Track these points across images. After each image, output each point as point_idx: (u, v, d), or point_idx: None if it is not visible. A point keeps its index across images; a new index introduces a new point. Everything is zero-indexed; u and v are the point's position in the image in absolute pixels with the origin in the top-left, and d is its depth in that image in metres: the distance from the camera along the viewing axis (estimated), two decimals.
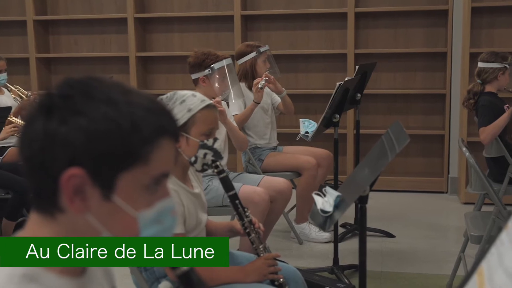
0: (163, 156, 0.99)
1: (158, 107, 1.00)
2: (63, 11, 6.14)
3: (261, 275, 2.14)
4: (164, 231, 1.03)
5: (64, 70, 6.24)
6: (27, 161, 0.97)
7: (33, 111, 0.97)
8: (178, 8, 5.95)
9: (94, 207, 0.97)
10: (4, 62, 4.52)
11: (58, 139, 0.94)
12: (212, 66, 3.44)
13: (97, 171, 0.95)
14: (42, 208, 0.99)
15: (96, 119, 0.94)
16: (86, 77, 1.00)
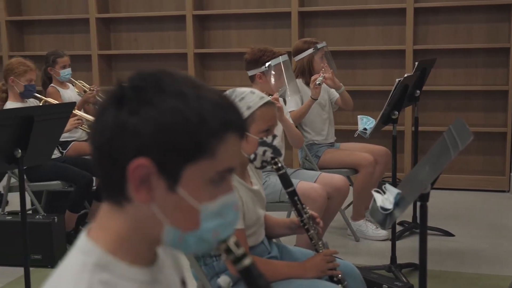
0: (229, 151, 1.00)
1: (227, 102, 1.01)
2: (124, 9, 6.28)
3: (319, 271, 2.15)
4: (225, 225, 1.04)
5: (124, 66, 6.38)
6: (97, 151, 0.99)
7: (105, 102, 1.00)
8: (236, 5, 6.00)
9: (158, 198, 0.98)
10: (68, 58, 4.66)
11: (128, 130, 0.96)
12: (268, 63, 3.46)
13: (164, 162, 0.96)
14: (112, 197, 1.02)
15: (165, 111, 0.96)
16: (158, 71, 1.02)
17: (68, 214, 4.14)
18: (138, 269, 1.03)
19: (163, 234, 1.01)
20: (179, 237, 1.01)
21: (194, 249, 1.04)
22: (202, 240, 1.02)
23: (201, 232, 1.01)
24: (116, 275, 1.00)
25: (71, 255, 1.03)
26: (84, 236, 1.04)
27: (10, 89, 4.05)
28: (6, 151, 2.78)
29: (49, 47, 6.08)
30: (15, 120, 2.76)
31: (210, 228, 1.01)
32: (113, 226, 1.02)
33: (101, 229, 1.03)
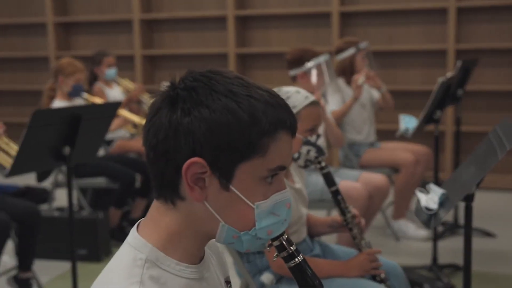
0: (281, 149, 1.02)
1: (278, 101, 1.03)
2: (166, 10, 6.37)
3: (363, 270, 2.14)
4: (279, 223, 1.05)
5: (166, 66, 6.47)
6: (151, 150, 1.02)
7: (158, 102, 1.02)
8: (276, 5, 6.02)
9: (212, 196, 1.00)
10: (113, 57, 4.76)
11: (182, 129, 0.98)
12: (310, 63, 3.48)
13: (217, 161, 0.98)
14: (164, 196, 1.04)
15: (217, 111, 0.98)
16: (209, 71, 1.04)
17: (112, 210, 4.24)
18: (187, 266, 1.05)
19: (216, 231, 1.03)
20: (233, 235, 1.03)
21: (248, 246, 1.05)
22: (256, 238, 1.04)
23: (255, 230, 1.03)
24: (166, 271, 1.02)
25: (122, 250, 1.06)
26: (135, 232, 1.06)
27: (58, 88, 4.15)
28: (54, 149, 2.85)
29: (94, 47, 6.21)
30: (64, 119, 2.83)
31: (264, 226, 1.03)
32: (164, 223, 1.04)
33: (152, 225, 1.05)
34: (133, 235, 1.06)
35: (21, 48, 6.92)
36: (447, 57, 5.41)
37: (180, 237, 1.04)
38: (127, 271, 1.00)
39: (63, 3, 6.64)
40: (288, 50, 3.61)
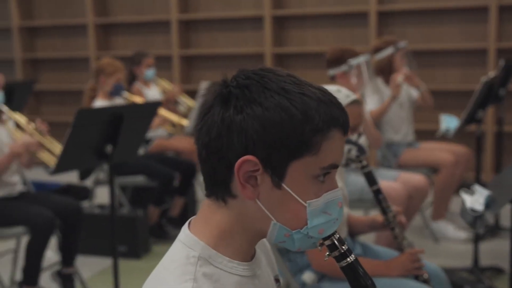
0: (333, 147, 1.01)
1: (330, 99, 1.02)
2: (203, 10, 6.41)
3: (405, 270, 2.13)
4: (330, 222, 1.04)
5: (203, 66, 6.52)
6: (204, 148, 1.02)
7: (210, 101, 1.03)
8: (313, 5, 6.01)
9: (264, 194, 1.01)
10: (152, 58, 4.82)
11: (234, 127, 0.98)
12: (350, 62, 3.48)
13: (269, 158, 0.98)
14: (216, 193, 1.04)
15: (270, 108, 0.98)
16: (261, 69, 1.04)
17: (151, 208, 4.29)
18: (239, 263, 1.05)
19: (268, 230, 1.03)
20: (285, 233, 1.03)
21: (299, 245, 1.05)
22: (308, 236, 1.04)
23: (307, 229, 1.03)
24: (218, 269, 1.03)
25: (174, 248, 1.07)
26: (186, 230, 1.07)
27: (99, 88, 4.22)
28: (97, 147, 2.91)
29: (132, 47, 6.29)
30: (106, 118, 2.88)
31: (316, 225, 1.03)
32: (216, 221, 1.05)
33: (204, 223, 1.06)
34: (185, 232, 1.07)
35: (62, 49, 7.05)
36: (488, 56, 5.33)
37: (232, 235, 1.04)
38: (180, 268, 1.01)
39: (103, 4, 6.75)
40: (326, 49, 3.61)
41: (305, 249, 1.07)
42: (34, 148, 3.18)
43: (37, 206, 3.17)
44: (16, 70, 6.95)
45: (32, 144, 3.16)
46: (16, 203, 3.23)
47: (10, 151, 3.13)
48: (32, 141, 3.16)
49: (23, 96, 5.47)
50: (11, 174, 3.30)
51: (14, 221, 3.14)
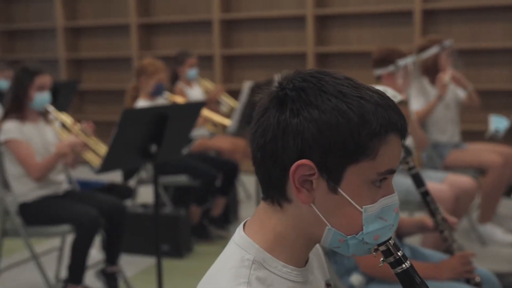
0: (391, 152, 0.99)
1: (388, 103, 1.00)
2: (245, 10, 6.41)
3: (456, 273, 2.08)
4: (386, 228, 1.02)
5: (244, 66, 6.52)
6: (258, 151, 1.01)
7: (266, 103, 1.02)
8: (356, 4, 5.96)
9: (319, 199, 0.99)
10: (195, 58, 4.84)
11: (290, 130, 0.97)
12: (397, 63, 3.42)
13: (325, 163, 0.97)
14: (271, 197, 1.03)
15: (327, 112, 0.96)
16: (317, 71, 1.03)
17: (193, 208, 4.30)
18: (293, 269, 1.04)
19: (322, 235, 1.02)
20: (339, 238, 1.02)
21: (354, 251, 1.03)
22: (363, 242, 1.02)
23: (362, 235, 1.01)
24: (272, 273, 1.02)
25: (229, 250, 1.06)
26: (241, 232, 1.06)
27: (141, 88, 4.24)
28: (142, 147, 2.92)
29: (174, 47, 6.34)
30: (151, 117, 2.89)
31: (371, 230, 1.01)
32: (271, 224, 1.04)
33: (259, 226, 1.05)
34: (240, 234, 1.06)
35: (105, 48, 7.14)
36: None
37: (287, 240, 1.03)
38: (234, 271, 1.00)
39: (145, 4, 6.81)
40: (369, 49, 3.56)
41: (359, 255, 1.05)
42: (80, 148, 3.21)
43: (82, 205, 3.21)
44: (60, 70, 7.06)
45: (78, 145, 3.20)
46: (62, 201, 3.28)
47: (56, 151, 3.18)
48: (78, 141, 3.20)
49: (68, 96, 5.56)
50: (57, 173, 3.34)
51: (60, 219, 3.18)
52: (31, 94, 3.24)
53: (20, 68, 3.31)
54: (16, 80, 3.27)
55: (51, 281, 3.36)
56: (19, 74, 3.27)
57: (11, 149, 3.21)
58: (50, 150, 3.28)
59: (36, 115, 3.33)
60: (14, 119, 3.24)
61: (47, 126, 3.38)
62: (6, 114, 3.27)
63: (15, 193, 3.29)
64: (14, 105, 3.25)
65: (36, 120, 3.33)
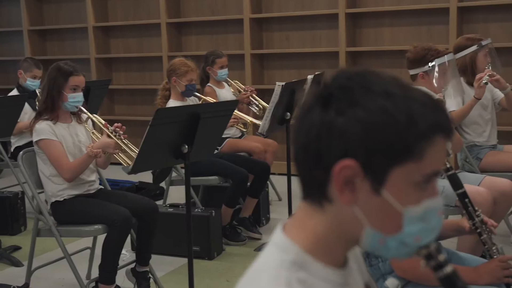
0: (437, 154, 0.97)
1: (435, 104, 0.98)
2: (276, 9, 6.38)
3: (495, 278, 2.03)
4: (428, 231, 1.01)
5: (275, 65, 6.48)
6: (301, 149, 1.00)
7: (310, 101, 1.00)
8: (390, 2, 5.88)
9: (362, 200, 0.97)
10: (226, 58, 4.81)
11: (335, 130, 0.95)
12: (433, 62, 3.34)
13: (370, 164, 0.95)
14: (311, 197, 1.02)
15: (373, 111, 0.94)
16: (363, 70, 1.01)
17: (224, 209, 4.27)
18: (332, 269, 1.02)
19: (362, 236, 1.00)
20: (379, 240, 1.00)
21: (394, 253, 1.02)
22: (404, 244, 1.00)
23: (403, 236, 0.99)
24: (312, 275, 1.00)
25: (268, 251, 1.04)
26: (280, 233, 1.05)
27: (172, 88, 4.23)
28: (174, 147, 2.90)
29: (205, 47, 6.33)
30: (183, 117, 2.87)
31: (412, 232, 0.99)
32: (311, 225, 1.02)
33: (298, 227, 1.04)
34: (279, 235, 1.05)
35: (135, 48, 7.17)
36: None
37: (327, 240, 1.02)
38: (274, 272, 0.99)
39: (176, 4, 6.82)
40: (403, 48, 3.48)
41: (400, 257, 1.03)
42: (111, 149, 3.21)
43: (114, 205, 3.20)
44: (91, 69, 7.11)
45: (110, 146, 3.19)
46: (94, 201, 3.28)
47: (88, 153, 3.18)
48: (110, 142, 3.20)
49: (99, 95, 5.59)
50: (89, 174, 3.35)
51: (93, 219, 3.18)
52: (64, 94, 3.25)
53: (54, 67, 3.31)
54: (50, 80, 3.27)
55: (82, 281, 3.36)
56: (53, 74, 3.28)
57: (44, 149, 3.22)
58: (82, 150, 3.29)
59: (68, 115, 3.34)
60: (47, 119, 3.25)
61: (79, 126, 3.39)
62: (39, 114, 3.29)
63: (47, 193, 3.30)
64: (47, 105, 3.26)
65: (69, 120, 3.34)
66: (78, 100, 3.30)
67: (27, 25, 7.44)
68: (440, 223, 1.02)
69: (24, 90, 5.01)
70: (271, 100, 4.05)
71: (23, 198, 4.75)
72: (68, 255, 3.29)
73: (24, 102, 4.55)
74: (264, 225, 4.69)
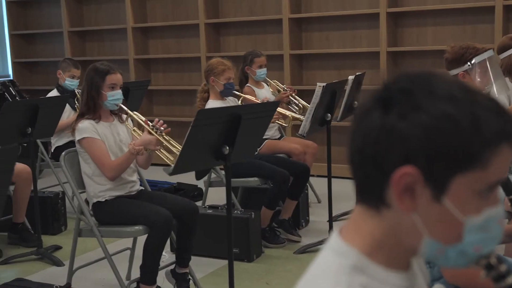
0: (502, 162, 0.92)
1: (501, 109, 0.93)
2: (316, 9, 6.32)
3: None
4: (488, 240, 0.97)
5: (315, 66, 6.42)
6: (358, 153, 0.97)
7: (369, 104, 0.97)
8: (433, 1, 5.76)
9: (421, 208, 0.93)
10: (264, 58, 4.78)
11: (395, 134, 0.92)
12: (472, 60, 3.24)
13: (431, 170, 0.91)
14: (368, 201, 0.99)
15: (436, 116, 0.90)
16: (426, 72, 0.97)
17: (264, 211, 4.22)
18: (394, 272, 0.99)
19: (420, 245, 0.97)
20: (438, 249, 0.96)
21: (453, 263, 0.98)
22: (463, 254, 0.96)
23: (463, 246, 0.95)
24: (374, 279, 0.97)
25: (324, 256, 1.02)
26: (336, 237, 1.02)
27: (211, 88, 4.21)
28: (215, 148, 2.87)
29: (243, 47, 6.30)
30: (224, 118, 2.85)
31: (473, 242, 0.95)
32: (368, 229, 0.99)
33: (355, 231, 1.01)
34: (336, 240, 1.02)
35: (174, 49, 7.19)
36: None
37: (386, 245, 0.98)
38: (334, 278, 0.96)
39: (215, 5, 6.81)
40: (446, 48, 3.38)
41: (459, 267, 0.99)
42: (153, 146, 3.20)
43: (155, 206, 3.19)
44: (129, 70, 7.15)
45: (151, 142, 3.18)
46: (135, 202, 3.28)
47: (130, 150, 3.18)
48: (151, 138, 3.19)
49: (139, 96, 5.61)
50: (131, 173, 3.34)
51: (134, 220, 3.18)
52: (103, 93, 3.26)
53: (91, 69, 3.34)
54: (88, 81, 3.30)
55: (122, 281, 3.35)
56: (90, 75, 3.30)
57: (86, 148, 3.23)
58: (124, 149, 3.29)
59: (109, 114, 3.36)
60: (89, 118, 3.26)
61: (120, 125, 3.39)
62: (82, 115, 3.30)
63: (89, 193, 3.31)
64: (89, 106, 3.28)
65: (110, 119, 3.35)
66: (117, 98, 3.31)
67: (67, 27, 7.53)
68: (501, 232, 0.98)
69: (64, 90, 5.06)
70: (311, 101, 4.00)
71: (63, 198, 4.79)
72: (109, 256, 3.29)
73: (65, 102, 4.60)
74: (304, 228, 4.63)
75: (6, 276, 3.84)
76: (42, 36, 7.99)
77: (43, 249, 4.14)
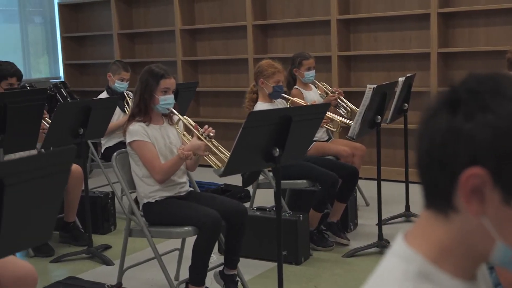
0: None
1: None
2: (364, 9, 6.25)
3: None
4: None
5: (363, 67, 6.36)
6: (424, 155, 0.95)
7: (435, 105, 0.95)
8: (485, 1, 5.63)
9: (491, 211, 0.91)
10: (313, 60, 4.75)
11: (463, 136, 0.90)
12: None
13: (501, 172, 0.89)
14: (435, 205, 0.96)
15: (504, 117, 0.88)
16: (494, 73, 0.95)
17: (312, 213, 4.20)
18: (460, 281, 0.95)
19: (491, 250, 0.94)
20: (511, 255, 0.93)
21: None
22: None
23: None
24: (440, 286, 0.94)
25: (388, 261, 1.00)
26: (401, 242, 1.00)
27: (260, 90, 4.21)
28: (265, 150, 2.86)
29: (291, 49, 6.28)
30: (275, 120, 2.83)
31: None
32: (435, 236, 0.96)
33: (421, 236, 0.98)
34: (400, 245, 1.00)
35: (222, 51, 7.22)
36: None
37: (453, 252, 0.96)
38: (398, 284, 0.94)
39: (262, 6, 6.81)
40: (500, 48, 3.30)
41: None
42: (202, 152, 3.21)
43: (204, 207, 3.20)
44: (177, 72, 7.21)
45: (200, 148, 3.19)
46: (185, 203, 3.30)
47: (179, 155, 3.19)
48: (200, 144, 3.20)
49: (187, 98, 5.65)
50: (180, 175, 3.37)
51: (183, 221, 3.19)
52: (156, 97, 3.28)
53: (146, 70, 3.35)
54: (142, 83, 3.32)
55: (171, 281, 3.37)
56: (145, 77, 3.32)
57: (136, 151, 3.26)
58: (173, 152, 3.31)
59: (160, 117, 3.38)
60: (140, 121, 3.29)
61: (170, 128, 3.41)
62: (133, 116, 3.33)
63: (139, 194, 3.34)
64: (140, 108, 3.31)
65: (161, 122, 3.38)
66: (169, 102, 3.33)
67: (117, 29, 7.64)
68: None
69: (113, 92, 5.13)
70: (361, 103, 3.95)
71: (113, 198, 4.86)
72: (159, 256, 3.32)
73: (116, 104, 4.66)
74: (352, 231, 4.58)
75: (58, 274, 3.91)
76: (93, 38, 8.14)
77: (93, 248, 4.20)
